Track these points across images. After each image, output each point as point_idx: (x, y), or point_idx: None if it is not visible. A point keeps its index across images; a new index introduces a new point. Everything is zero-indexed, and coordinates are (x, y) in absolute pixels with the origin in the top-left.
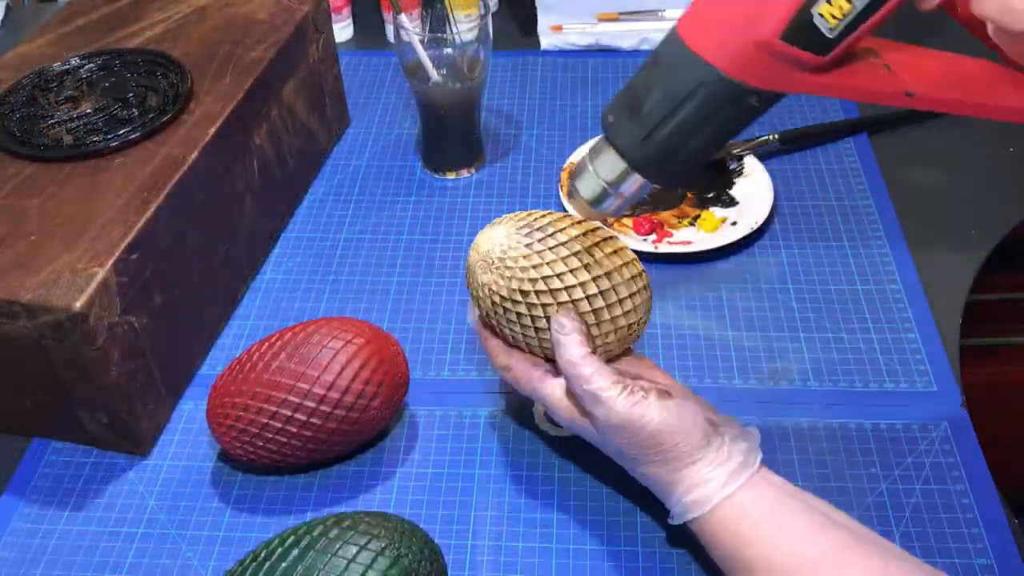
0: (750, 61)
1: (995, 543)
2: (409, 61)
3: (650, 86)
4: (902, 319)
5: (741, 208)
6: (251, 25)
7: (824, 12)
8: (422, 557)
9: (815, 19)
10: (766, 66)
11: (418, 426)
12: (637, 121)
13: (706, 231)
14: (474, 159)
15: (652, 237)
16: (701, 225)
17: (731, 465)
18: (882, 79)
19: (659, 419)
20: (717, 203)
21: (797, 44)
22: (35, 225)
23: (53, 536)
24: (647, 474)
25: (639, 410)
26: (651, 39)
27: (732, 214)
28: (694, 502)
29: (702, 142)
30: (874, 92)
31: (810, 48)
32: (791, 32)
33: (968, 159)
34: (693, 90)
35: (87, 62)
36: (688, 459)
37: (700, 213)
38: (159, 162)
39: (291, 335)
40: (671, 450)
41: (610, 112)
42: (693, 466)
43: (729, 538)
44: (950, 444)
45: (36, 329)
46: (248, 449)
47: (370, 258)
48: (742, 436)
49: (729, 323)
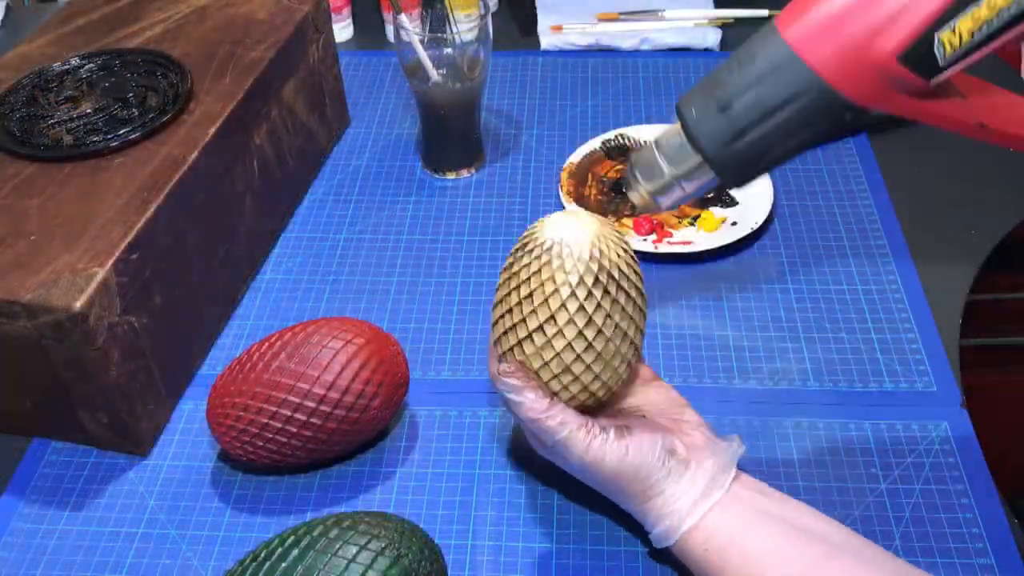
0: (860, 76)
1: (995, 543)
2: (409, 61)
3: (744, 86)
4: (902, 319)
5: (741, 208)
6: (251, 25)
7: (945, 38)
8: (422, 557)
9: (935, 44)
10: (873, 83)
11: (418, 426)
12: (726, 120)
13: (706, 231)
14: (474, 159)
15: (652, 237)
16: (701, 225)
17: (694, 493)
18: (960, 109)
19: (616, 458)
20: (717, 203)
21: (910, 66)
22: (35, 225)
23: (53, 536)
24: (623, 505)
25: (598, 453)
26: (651, 39)
27: (732, 214)
28: (662, 533)
29: (786, 150)
30: (953, 121)
31: (920, 72)
32: (910, 53)
33: (968, 159)
34: (792, 96)
35: (87, 62)
36: (652, 491)
37: (700, 213)
38: (159, 162)
39: (291, 335)
40: (632, 485)
41: (691, 104)
42: (659, 498)
43: (699, 565)
44: (950, 444)
45: (36, 329)
46: (248, 449)
47: (370, 258)
48: (711, 456)
49: (729, 323)
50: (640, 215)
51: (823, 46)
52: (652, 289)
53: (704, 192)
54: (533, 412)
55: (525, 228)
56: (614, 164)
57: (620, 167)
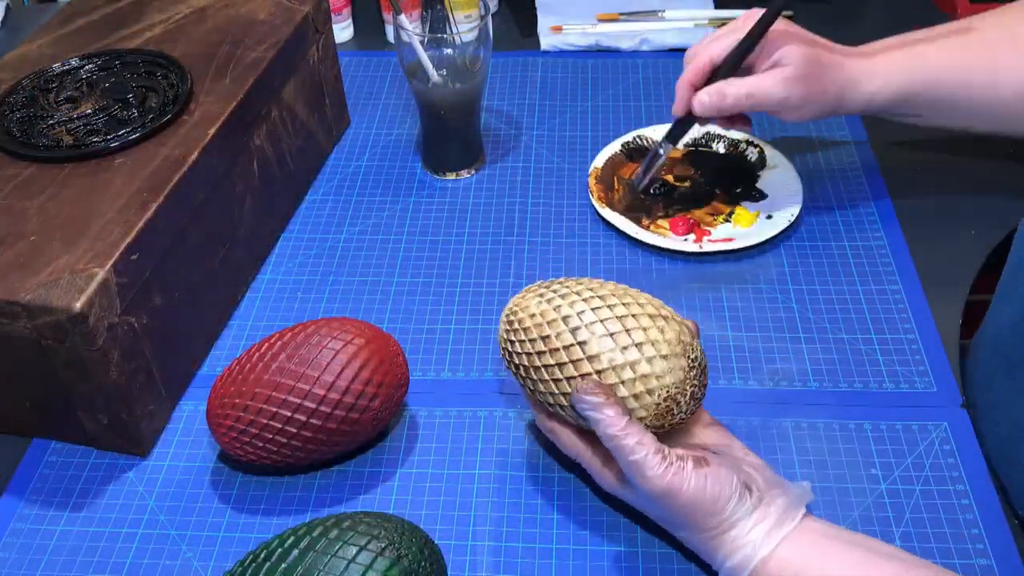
0: None
1: (995, 543)
2: (409, 62)
3: None
4: (902, 319)
5: (772, 201)
6: (251, 25)
7: None
8: (422, 557)
9: None
10: None
11: (418, 426)
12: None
13: (743, 226)
14: (474, 160)
15: (692, 237)
16: (737, 221)
17: (767, 524)
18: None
19: (694, 488)
20: (747, 198)
21: None
22: (35, 225)
23: (53, 536)
24: (689, 539)
25: (676, 481)
26: (651, 39)
27: (764, 207)
28: (736, 566)
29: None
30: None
31: None
32: None
33: (968, 160)
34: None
35: (87, 62)
36: (726, 524)
37: (733, 209)
38: (159, 162)
39: (291, 335)
40: (708, 517)
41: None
42: (732, 530)
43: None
44: (950, 444)
45: (36, 329)
46: (248, 449)
47: (370, 258)
48: (781, 491)
49: (729, 324)
50: (675, 216)
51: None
52: (651, 289)
53: None
54: (613, 428)
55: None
56: (637, 166)
57: None
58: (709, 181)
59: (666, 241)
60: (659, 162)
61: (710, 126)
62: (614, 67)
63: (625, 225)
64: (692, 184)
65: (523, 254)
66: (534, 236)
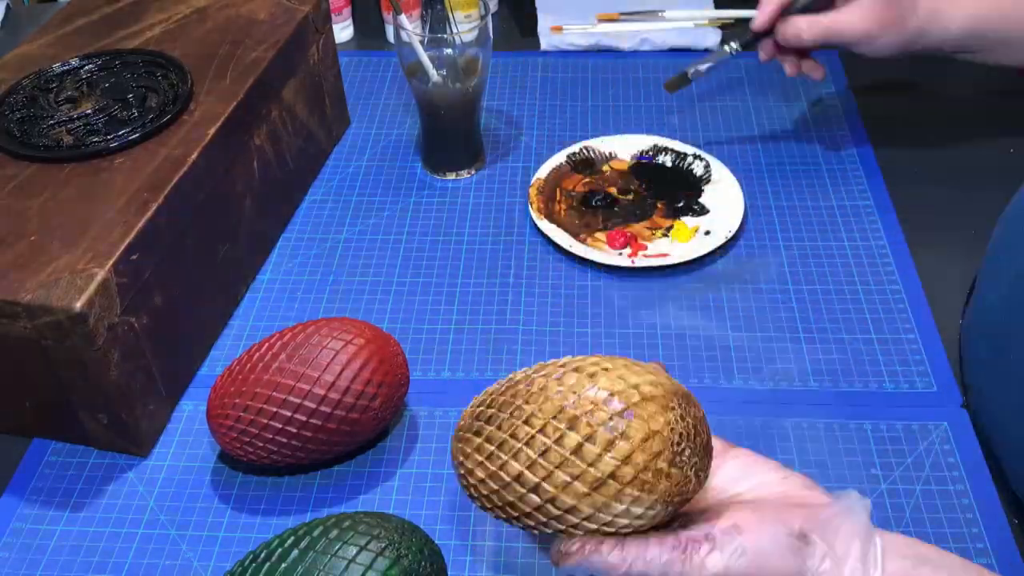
0: None
1: (995, 543)
2: (409, 62)
3: None
4: (902, 319)
5: (712, 216)
6: (251, 26)
7: None
8: (422, 557)
9: None
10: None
11: (418, 426)
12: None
13: (680, 241)
14: (474, 160)
15: (627, 251)
16: (675, 235)
17: (849, 564)
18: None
19: (737, 567)
20: (688, 212)
21: None
22: (35, 225)
23: (53, 536)
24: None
25: (709, 569)
26: (651, 39)
27: (704, 222)
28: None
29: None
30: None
31: None
32: None
33: (968, 159)
34: None
35: (87, 62)
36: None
37: (672, 223)
38: (159, 162)
39: (291, 336)
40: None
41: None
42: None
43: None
44: (950, 444)
45: (36, 329)
46: (248, 449)
47: (370, 258)
48: (844, 521)
49: (729, 324)
50: (612, 229)
51: None
52: (650, 289)
53: None
54: (619, 568)
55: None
56: (582, 178)
57: (587, 180)
58: (653, 194)
59: (600, 256)
60: (723, 57)
61: None
62: (614, 67)
63: (561, 238)
64: (635, 197)
65: (523, 254)
66: (534, 236)
